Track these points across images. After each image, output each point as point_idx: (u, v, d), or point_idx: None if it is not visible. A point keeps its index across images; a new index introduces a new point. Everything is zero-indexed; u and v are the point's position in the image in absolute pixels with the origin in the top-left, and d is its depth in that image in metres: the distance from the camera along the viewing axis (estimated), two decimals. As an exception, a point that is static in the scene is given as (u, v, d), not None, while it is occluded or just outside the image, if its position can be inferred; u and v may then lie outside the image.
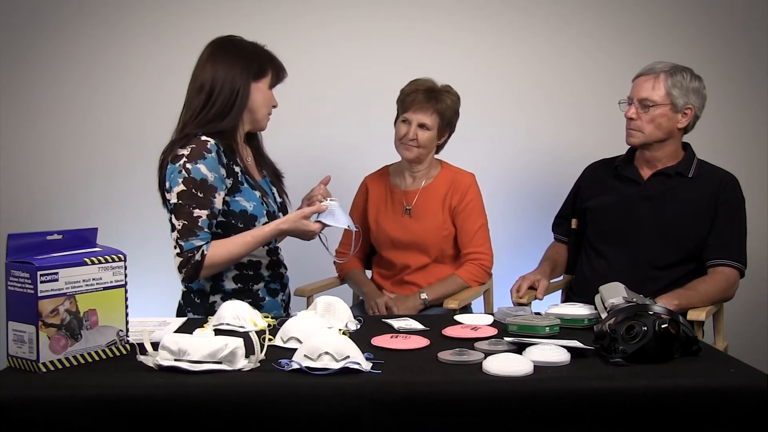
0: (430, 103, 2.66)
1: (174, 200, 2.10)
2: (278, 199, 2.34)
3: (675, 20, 3.28)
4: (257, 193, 2.22)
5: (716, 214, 2.46)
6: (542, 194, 3.25)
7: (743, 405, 1.47)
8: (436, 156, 2.81)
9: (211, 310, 2.17)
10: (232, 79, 2.17)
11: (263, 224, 2.20)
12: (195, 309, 2.22)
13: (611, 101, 2.59)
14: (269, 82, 2.24)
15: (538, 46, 3.32)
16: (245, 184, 2.20)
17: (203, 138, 2.12)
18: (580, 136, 3.29)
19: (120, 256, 1.68)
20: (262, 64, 2.22)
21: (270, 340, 1.76)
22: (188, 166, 2.09)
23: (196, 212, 2.09)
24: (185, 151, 2.11)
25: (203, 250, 2.09)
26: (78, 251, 1.66)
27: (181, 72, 2.28)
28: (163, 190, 2.18)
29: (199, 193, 2.09)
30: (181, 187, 2.09)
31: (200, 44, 2.27)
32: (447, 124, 2.72)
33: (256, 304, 2.20)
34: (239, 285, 2.23)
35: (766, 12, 3.25)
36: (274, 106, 2.29)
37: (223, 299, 2.18)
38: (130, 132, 3.30)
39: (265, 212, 2.21)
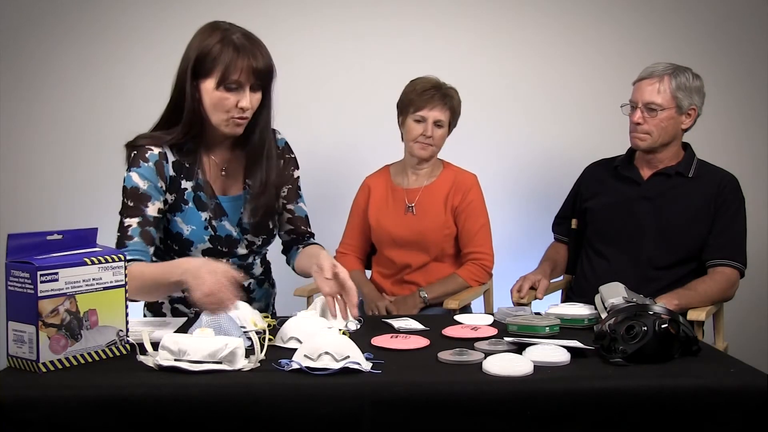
0: (445, 100, 2.66)
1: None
2: (247, 220, 2.06)
3: (675, 20, 3.28)
4: (203, 216, 2.00)
5: (716, 214, 2.46)
6: (542, 194, 3.25)
7: (743, 405, 1.47)
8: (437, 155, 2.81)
9: (159, 312, 2.13)
10: (181, 75, 1.94)
11: (201, 250, 2.00)
12: (149, 307, 2.15)
13: (611, 101, 2.59)
14: (215, 81, 1.90)
15: (538, 47, 3.33)
16: (191, 204, 2.00)
17: (147, 144, 1.96)
18: (580, 136, 3.29)
19: (120, 256, 1.68)
20: (209, 59, 1.89)
21: (270, 340, 1.76)
22: (125, 175, 1.96)
23: (126, 221, 1.93)
24: (129, 158, 1.98)
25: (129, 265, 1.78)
26: (78, 251, 1.65)
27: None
28: None
29: (129, 202, 1.93)
30: (121, 197, 1.96)
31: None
32: (454, 120, 2.73)
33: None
34: (185, 293, 1.91)
35: (766, 12, 3.25)
36: (243, 108, 1.92)
37: (170, 303, 2.12)
38: (131, 132, 3.28)
39: (207, 238, 2.01)
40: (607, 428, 1.47)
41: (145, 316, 2.18)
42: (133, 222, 1.93)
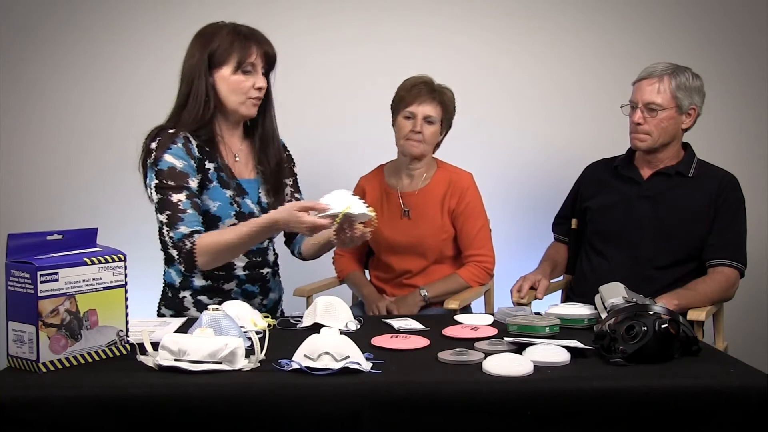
0: (434, 95, 2.64)
1: (155, 197, 2.06)
2: (265, 200, 2.22)
3: (674, 20, 3.28)
4: (227, 193, 2.13)
5: (716, 213, 2.46)
6: (542, 194, 3.25)
7: (743, 405, 1.47)
8: (432, 155, 2.79)
9: (181, 306, 2.15)
10: (190, 71, 2.10)
11: (229, 226, 2.10)
12: (168, 303, 2.19)
13: (611, 101, 2.58)
14: (232, 67, 2.09)
15: (537, 47, 3.32)
16: (215, 182, 2.12)
17: (171, 130, 2.07)
18: (579, 135, 3.29)
19: (120, 256, 1.68)
20: (221, 50, 2.09)
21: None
22: (156, 159, 2.05)
23: (174, 197, 2.02)
24: (154, 145, 2.07)
25: (193, 239, 2.00)
26: (78, 251, 1.66)
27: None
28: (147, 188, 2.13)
29: (170, 181, 2.03)
30: (155, 181, 2.05)
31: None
32: (447, 119, 2.70)
33: None
34: (208, 282, 2.16)
35: (766, 12, 3.25)
36: (260, 88, 2.13)
37: (193, 296, 2.16)
38: (131, 132, 3.27)
39: (233, 214, 2.12)
40: (607, 428, 1.47)
41: (161, 314, 2.19)
42: (181, 196, 2.03)
